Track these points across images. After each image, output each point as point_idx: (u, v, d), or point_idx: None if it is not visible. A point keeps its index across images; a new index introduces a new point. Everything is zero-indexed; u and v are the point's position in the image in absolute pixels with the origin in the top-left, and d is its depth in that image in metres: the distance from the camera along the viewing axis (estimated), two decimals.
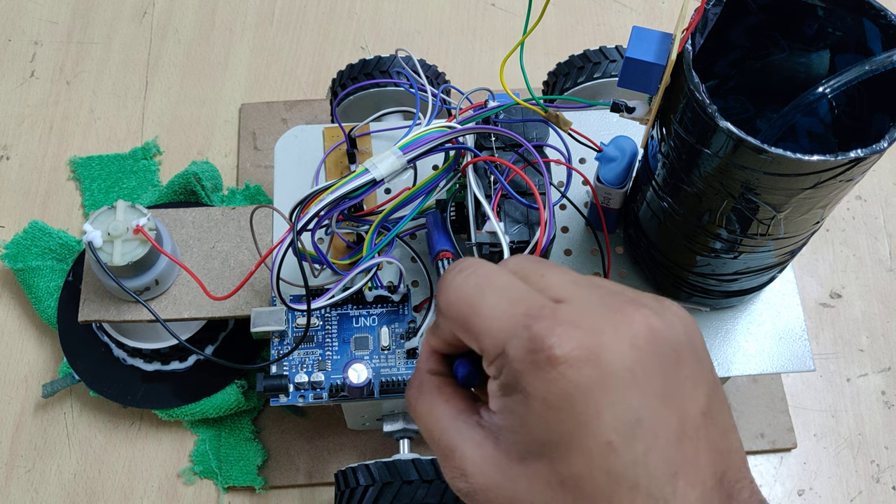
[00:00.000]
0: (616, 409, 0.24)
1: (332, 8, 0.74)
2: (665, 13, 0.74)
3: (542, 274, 0.27)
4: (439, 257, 0.44)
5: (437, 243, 0.44)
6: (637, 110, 0.40)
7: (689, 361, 0.25)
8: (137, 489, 0.55)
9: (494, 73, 0.70)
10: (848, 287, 0.63)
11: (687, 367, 0.25)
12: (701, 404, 0.25)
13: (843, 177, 0.35)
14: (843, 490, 0.56)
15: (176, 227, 0.53)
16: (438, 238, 0.45)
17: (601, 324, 0.25)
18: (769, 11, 0.39)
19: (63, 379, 0.56)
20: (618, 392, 0.24)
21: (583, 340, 0.24)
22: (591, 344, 0.24)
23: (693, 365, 0.26)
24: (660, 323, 0.25)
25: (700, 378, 0.26)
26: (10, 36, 0.72)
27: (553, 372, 0.24)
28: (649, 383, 0.24)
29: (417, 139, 0.41)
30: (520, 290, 0.27)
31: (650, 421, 0.24)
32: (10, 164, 0.66)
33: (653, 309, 0.26)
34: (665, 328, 0.25)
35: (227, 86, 0.70)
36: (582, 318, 0.25)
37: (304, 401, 0.45)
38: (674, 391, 0.25)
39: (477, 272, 0.27)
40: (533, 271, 0.28)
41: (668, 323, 0.26)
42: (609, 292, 0.27)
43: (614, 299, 0.26)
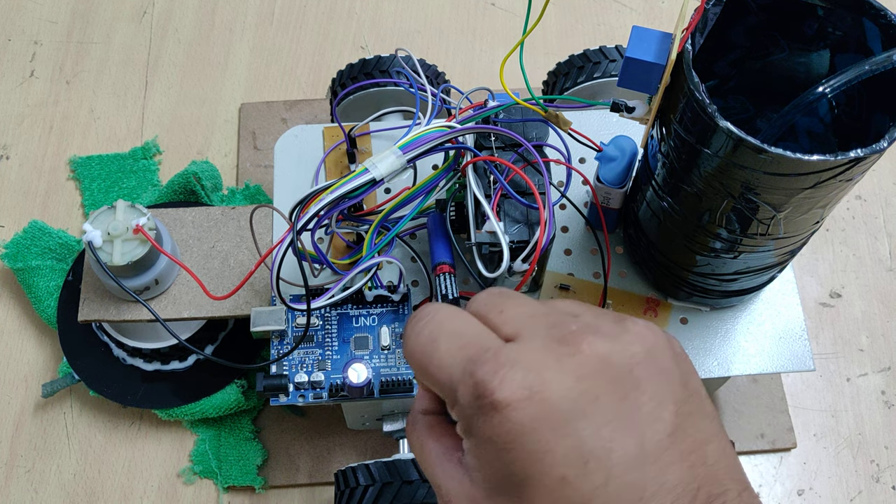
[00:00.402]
0: (566, 444, 0.24)
1: (332, 8, 0.74)
2: (665, 13, 0.74)
3: (501, 310, 0.27)
4: (437, 272, 0.44)
5: (436, 254, 0.45)
6: (637, 110, 0.40)
7: (649, 381, 0.25)
8: (137, 489, 0.55)
9: (494, 73, 0.70)
10: (848, 287, 0.63)
11: (647, 387, 0.25)
12: (667, 422, 0.25)
13: (842, 176, 0.35)
14: (842, 490, 0.56)
15: (176, 226, 0.53)
16: (437, 246, 0.45)
17: (544, 359, 0.25)
18: (769, 11, 0.39)
19: (63, 379, 0.56)
20: (566, 426, 0.24)
21: (524, 380, 0.24)
22: (532, 383, 0.24)
23: (654, 383, 0.25)
24: (610, 348, 0.25)
25: (664, 395, 0.25)
26: (9, 35, 0.72)
27: (497, 416, 0.24)
28: (600, 412, 0.24)
29: (417, 139, 0.41)
30: (471, 333, 0.27)
31: (604, 450, 0.24)
32: (9, 163, 0.66)
33: (604, 334, 0.26)
34: (616, 352, 0.25)
35: (226, 85, 0.70)
36: (525, 356, 0.25)
37: (304, 400, 0.45)
38: (630, 415, 0.24)
39: (432, 320, 0.28)
40: (492, 308, 0.28)
41: (621, 346, 0.25)
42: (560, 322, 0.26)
43: (563, 330, 0.26)
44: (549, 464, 0.24)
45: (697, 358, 0.47)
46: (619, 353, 0.25)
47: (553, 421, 0.24)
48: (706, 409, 0.26)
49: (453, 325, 0.27)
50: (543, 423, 0.24)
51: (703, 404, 0.26)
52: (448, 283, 0.44)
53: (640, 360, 0.25)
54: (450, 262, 0.44)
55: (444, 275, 0.44)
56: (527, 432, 0.24)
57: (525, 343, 0.26)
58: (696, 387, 0.26)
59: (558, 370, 0.25)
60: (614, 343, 0.25)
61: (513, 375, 0.24)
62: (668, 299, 0.48)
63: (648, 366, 0.25)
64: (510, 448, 0.24)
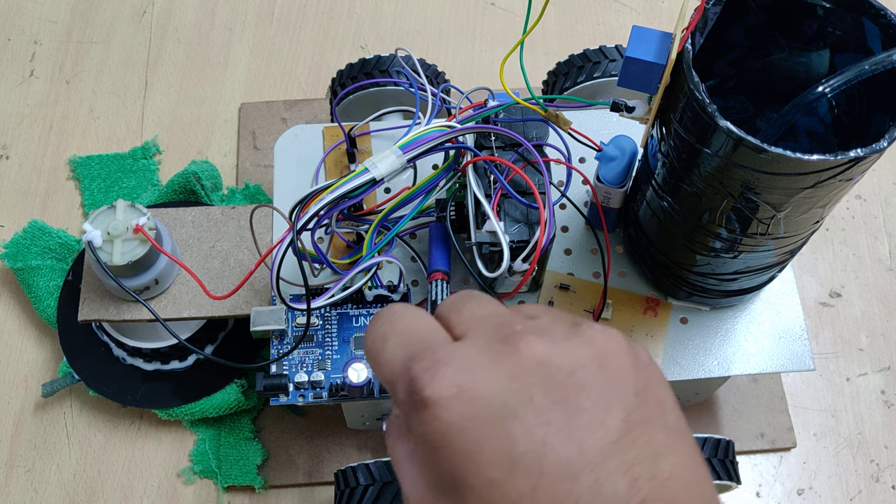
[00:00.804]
0: (495, 445, 0.23)
1: (332, 7, 0.74)
2: (665, 12, 0.74)
3: (460, 311, 0.27)
4: (432, 278, 0.44)
5: (433, 261, 0.45)
6: (637, 110, 0.40)
7: (594, 385, 0.24)
8: (137, 489, 0.55)
9: (494, 73, 0.70)
10: (848, 286, 0.63)
11: (592, 392, 0.24)
12: (611, 429, 0.23)
13: (842, 176, 0.35)
14: (842, 489, 0.56)
15: (176, 226, 0.53)
16: (435, 253, 0.45)
17: (480, 358, 0.24)
18: (769, 11, 0.39)
19: (63, 378, 0.56)
20: (496, 426, 0.23)
21: (455, 378, 0.24)
22: (462, 381, 0.24)
23: (601, 388, 0.24)
24: (551, 349, 0.24)
25: (611, 401, 0.24)
26: (9, 35, 0.72)
27: (426, 413, 0.23)
28: (534, 414, 0.23)
29: (417, 138, 0.41)
30: (421, 332, 0.26)
31: (534, 453, 0.23)
32: (9, 163, 0.66)
33: (549, 336, 0.25)
34: (559, 354, 0.24)
35: (226, 85, 0.70)
36: (461, 354, 0.24)
37: (304, 400, 0.45)
38: (569, 419, 0.23)
39: (388, 319, 0.27)
40: (453, 309, 0.27)
41: (566, 348, 0.24)
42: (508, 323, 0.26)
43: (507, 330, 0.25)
44: (478, 465, 0.23)
45: (697, 357, 0.47)
46: (561, 354, 0.24)
47: (482, 420, 0.23)
48: (667, 421, 0.25)
49: (406, 324, 0.27)
50: (472, 422, 0.23)
51: (663, 415, 0.25)
52: (440, 289, 0.44)
53: (586, 363, 0.24)
54: (444, 269, 0.44)
55: (437, 282, 0.44)
56: (455, 431, 0.23)
57: (466, 342, 0.25)
58: (657, 397, 0.25)
59: (491, 368, 0.24)
60: (557, 345, 0.24)
61: (444, 372, 0.24)
62: (668, 299, 0.48)
63: (596, 370, 0.24)
64: (440, 447, 0.23)
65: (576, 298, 0.48)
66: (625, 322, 0.47)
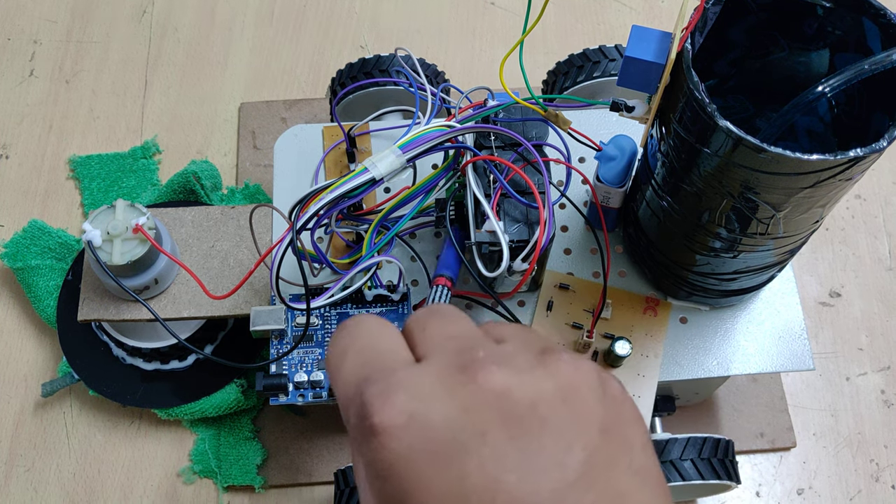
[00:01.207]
0: (443, 480, 0.22)
1: (332, 7, 0.74)
2: (665, 12, 0.74)
3: (424, 328, 0.26)
4: (435, 282, 0.44)
5: (442, 264, 0.44)
6: (636, 109, 0.40)
7: (556, 421, 0.22)
8: (137, 488, 0.55)
9: (494, 73, 0.70)
10: (847, 286, 0.63)
11: (552, 428, 0.22)
12: (569, 469, 0.22)
13: (842, 176, 0.35)
14: (842, 489, 0.56)
15: (175, 226, 0.53)
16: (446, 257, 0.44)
17: (436, 386, 0.23)
18: (769, 10, 0.39)
19: (62, 378, 0.56)
20: (445, 461, 0.22)
21: (406, 405, 0.22)
22: (415, 409, 0.22)
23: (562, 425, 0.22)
24: (511, 381, 0.23)
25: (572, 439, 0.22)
26: (9, 35, 0.72)
27: (374, 441, 0.22)
28: (487, 449, 0.22)
29: (417, 138, 0.41)
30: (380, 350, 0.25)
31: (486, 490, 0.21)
32: (9, 163, 0.66)
33: (511, 366, 0.23)
34: (519, 386, 0.23)
35: (226, 85, 0.70)
36: (417, 379, 0.23)
37: (304, 400, 0.45)
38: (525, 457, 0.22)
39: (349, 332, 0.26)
40: (417, 326, 0.26)
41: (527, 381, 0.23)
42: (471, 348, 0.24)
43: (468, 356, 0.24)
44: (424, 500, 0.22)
45: (697, 357, 0.47)
46: (522, 387, 0.23)
47: (431, 453, 0.22)
48: (634, 462, 0.23)
49: (367, 340, 0.26)
50: (420, 454, 0.22)
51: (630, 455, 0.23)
52: (440, 296, 0.43)
53: (549, 397, 0.23)
54: (450, 276, 0.44)
55: (439, 287, 0.43)
56: (402, 463, 0.22)
57: (424, 366, 0.24)
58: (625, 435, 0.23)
59: (445, 399, 0.23)
60: (519, 376, 0.23)
61: (397, 398, 0.22)
62: (667, 298, 0.48)
63: (559, 405, 0.23)
64: (387, 477, 0.22)
65: (575, 298, 0.48)
66: (624, 322, 0.47)
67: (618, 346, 0.45)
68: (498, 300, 0.44)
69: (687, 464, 0.47)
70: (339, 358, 0.26)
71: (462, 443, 0.22)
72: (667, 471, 0.47)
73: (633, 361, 0.46)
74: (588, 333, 0.46)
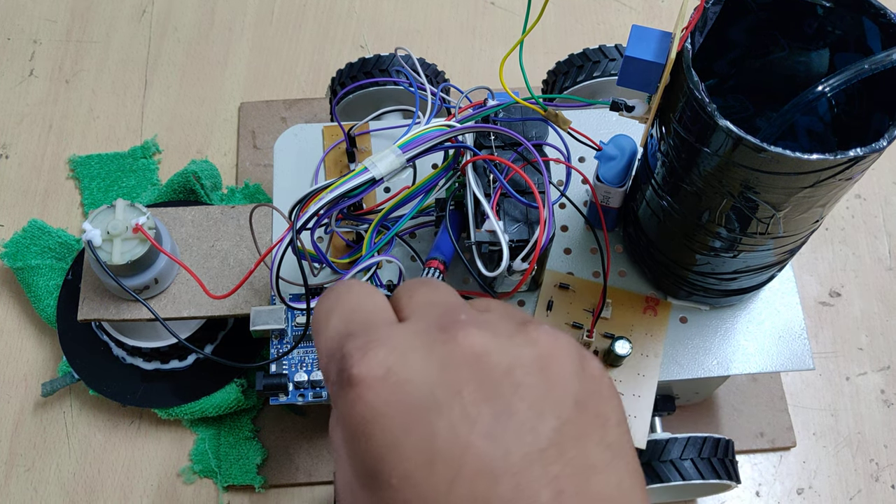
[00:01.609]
0: (414, 436, 0.22)
1: (332, 6, 0.74)
2: (665, 12, 0.74)
3: (411, 295, 0.26)
4: (428, 265, 0.43)
5: (436, 247, 0.44)
6: (636, 109, 0.40)
7: (531, 388, 0.23)
8: (137, 488, 0.55)
9: (494, 72, 0.70)
10: (847, 286, 0.63)
11: (527, 394, 0.22)
12: (541, 436, 0.22)
13: (842, 175, 0.35)
14: (842, 489, 0.56)
15: (175, 225, 0.53)
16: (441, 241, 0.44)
17: (415, 342, 0.23)
18: (769, 10, 0.39)
19: (62, 378, 0.56)
20: (418, 417, 0.22)
21: (385, 359, 0.22)
22: (392, 363, 0.22)
23: (537, 392, 0.22)
24: (490, 344, 0.23)
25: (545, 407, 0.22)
26: (9, 34, 0.72)
27: (351, 392, 0.22)
28: (460, 408, 0.22)
29: (417, 138, 0.41)
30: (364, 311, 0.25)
31: (455, 451, 0.21)
32: (9, 162, 0.66)
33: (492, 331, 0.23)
34: (498, 350, 0.23)
35: (226, 84, 0.70)
36: (398, 336, 0.23)
37: (304, 400, 0.45)
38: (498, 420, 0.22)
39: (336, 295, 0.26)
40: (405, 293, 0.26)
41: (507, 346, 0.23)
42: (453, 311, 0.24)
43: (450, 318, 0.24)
44: (396, 457, 0.22)
45: (697, 356, 0.47)
46: (500, 351, 0.23)
47: (405, 408, 0.22)
48: (607, 436, 0.23)
49: (354, 301, 0.26)
50: (395, 408, 0.22)
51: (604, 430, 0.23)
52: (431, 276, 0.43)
53: (526, 364, 0.23)
54: (444, 259, 0.44)
55: (431, 269, 0.43)
56: (377, 417, 0.22)
57: (407, 325, 0.24)
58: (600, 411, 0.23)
59: (424, 355, 0.23)
60: (498, 340, 0.23)
61: (376, 352, 0.23)
62: (667, 298, 0.48)
63: (536, 373, 0.23)
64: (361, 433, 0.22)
65: (575, 298, 0.48)
66: (624, 321, 0.47)
67: (618, 346, 0.45)
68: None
69: (687, 463, 0.47)
70: (324, 316, 0.26)
71: (436, 400, 0.22)
72: (667, 470, 0.47)
73: (633, 361, 0.46)
74: (588, 333, 0.46)
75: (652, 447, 0.47)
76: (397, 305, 0.26)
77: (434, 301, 0.26)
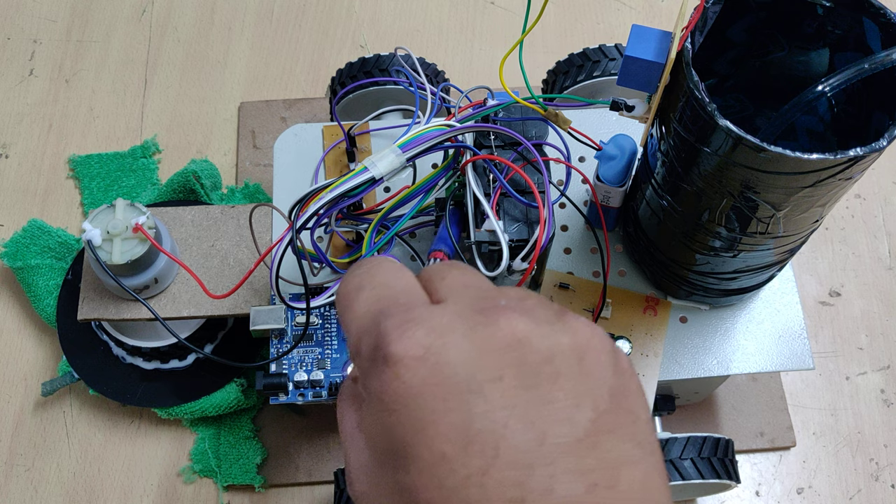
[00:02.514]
0: (452, 418, 0.21)
1: (332, 6, 0.74)
2: (664, 11, 0.74)
3: (444, 276, 0.26)
4: (432, 256, 0.43)
5: (438, 239, 0.44)
6: (636, 109, 0.40)
7: (569, 377, 0.22)
8: (137, 488, 0.55)
9: (494, 72, 0.70)
10: (847, 285, 0.63)
11: (565, 383, 0.22)
12: (578, 426, 0.22)
13: (842, 175, 0.35)
14: (842, 488, 0.56)
15: (175, 225, 0.53)
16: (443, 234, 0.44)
17: (455, 323, 0.23)
18: (769, 10, 0.39)
19: (62, 377, 0.56)
20: (456, 399, 0.22)
21: (424, 338, 0.22)
22: (432, 343, 0.22)
23: (575, 381, 0.22)
24: (532, 330, 0.23)
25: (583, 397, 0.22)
26: (9, 34, 0.72)
27: (388, 371, 0.22)
28: (499, 393, 0.22)
29: (417, 137, 0.41)
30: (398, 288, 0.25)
31: (492, 435, 0.21)
32: (9, 162, 0.66)
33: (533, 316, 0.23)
34: (539, 336, 0.23)
35: (226, 84, 0.70)
36: (437, 316, 0.23)
37: (304, 399, 0.45)
38: (536, 407, 0.22)
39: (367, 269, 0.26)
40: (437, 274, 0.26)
41: (547, 332, 0.23)
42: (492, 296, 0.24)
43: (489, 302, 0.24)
44: (431, 436, 0.21)
45: (697, 356, 0.47)
46: (541, 338, 0.23)
47: (444, 389, 0.22)
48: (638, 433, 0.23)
49: (385, 277, 0.26)
50: (433, 388, 0.22)
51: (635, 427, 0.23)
52: None
53: (565, 351, 0.23)
54: (448, 252, 0.43)
55: (436, 261, 0.43)
56: (414, 395, 0.22)
57: (445, 305, 0.24)
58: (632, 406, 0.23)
59: (465, 337, 0.22)
60: (539, 326, 0.23)
61: (414, 331, 0.22)
62: (667, 298, 0.48)
63: (574, 362, 0.23)
64: (395, 410, 0.22)
65: (575, 297, 0.48)
66: (624, 321, 0.47)
67: (618, 346, 0.45)
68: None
69: (686, 463, 0.47)
70: (354, 292, 0.25)
71: (476, 383, 0.22)
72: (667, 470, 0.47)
73: (633, 360, 0.46)
74: None
75: None
76: (429, 287, 0.26)
77: (469, 283, 0.25)
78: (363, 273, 0.26)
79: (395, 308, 0.24)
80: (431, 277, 0.26)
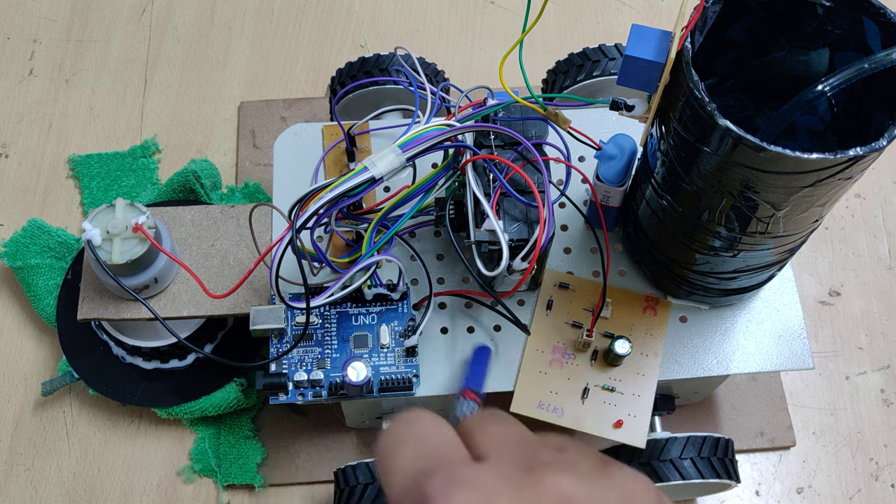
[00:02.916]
0: None
1: (332, 6, 0.74)
2: (664, 11, 0.74)
3: (484, 430, 0.26)
4: (463, 395, 0.43)
5: (469, 379, 0.44)
6: (636, 108, 0.40)
7: None
8: (137, 487, 0.55)
9: (494, 72, 0.70)
10: (847, 285, 0.63)
11: None
12: None
13: (842, 175, 0.35)
14: (841, 488, 0.56)
15: (175, 225, 0.53)
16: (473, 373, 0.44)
17: (501, 485, 0.22)
18: (769, 9, 0.39)
19: (62, 377, 0.56)
20: None
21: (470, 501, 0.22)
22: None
23: None
24: (578, 489, 0.23)
25: None
26: (8, 34, 0.72)
27: None
28: None
29: (416, 137, 0.41)
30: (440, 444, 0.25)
31: None
32: (8, 162, 0.66)
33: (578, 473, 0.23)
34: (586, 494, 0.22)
35: (226, 84, 0.70)
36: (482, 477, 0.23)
37: (304, 399, 0.45)
38: None
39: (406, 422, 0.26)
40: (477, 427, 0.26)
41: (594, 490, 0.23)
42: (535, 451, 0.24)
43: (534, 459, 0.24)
44: None
45: (697, 356, 0.47)
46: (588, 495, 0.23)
47: None
48: None
49: (425, 431, 0.25)
50: None
51: None
52: (467, 409, 0.43)
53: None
54: (479, 392, 0.43)
55: (466, 400, 0.43)
56: None
57: (489, 464, 0.24)
58: None
59: (511, 499, 0.22)
60: (584, 484, 0.23)
61: (460, 495, 0.22)
62: (667, 297, 0.48)
63: None
64: None
65: (575, 297, 0.48)
66: (624, 321, 0.47)
67: (617, 345, 0.45)
68: (497, 299, 0.44)
69: (686, 462, 0.47)
70: (394, 446, 0.25)
71: None
72: (666, 470, 0.47)
73: (633, 360, 0.46)
74: (588, 332, 0.46)
75: (651, 447, 0.47)
76: (469, 441, 0.26)
77: (509, 437, 0.25)
78: (403, 426, 0.26)
79: (438, 466, 0.24)
80: (471, 430, 0.26)
